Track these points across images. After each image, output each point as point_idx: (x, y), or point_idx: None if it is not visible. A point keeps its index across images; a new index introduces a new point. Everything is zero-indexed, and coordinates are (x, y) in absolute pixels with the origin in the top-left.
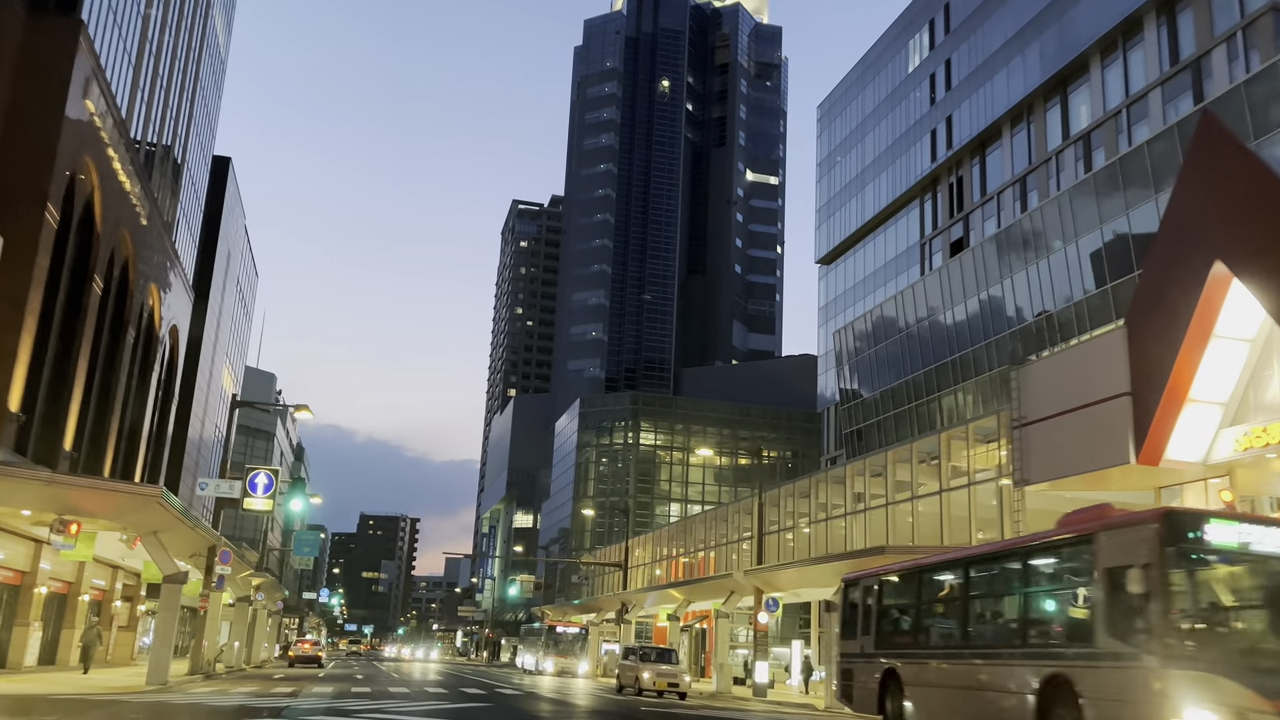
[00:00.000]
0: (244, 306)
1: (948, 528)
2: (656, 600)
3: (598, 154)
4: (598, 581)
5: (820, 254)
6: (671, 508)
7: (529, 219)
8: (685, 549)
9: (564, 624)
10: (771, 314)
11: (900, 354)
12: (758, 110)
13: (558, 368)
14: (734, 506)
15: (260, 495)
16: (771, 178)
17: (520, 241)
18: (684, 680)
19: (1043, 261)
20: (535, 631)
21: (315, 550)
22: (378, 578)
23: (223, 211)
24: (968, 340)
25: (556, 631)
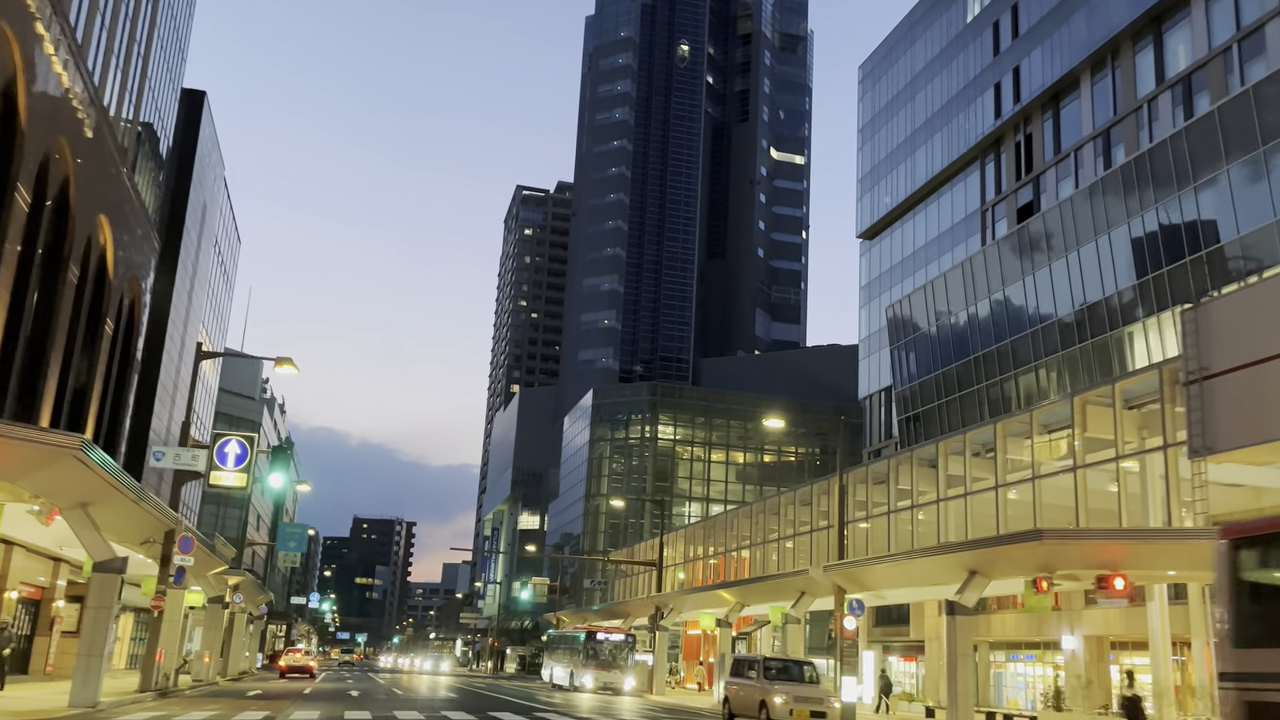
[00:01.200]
0: (225, 275)
1: (1083, 511)
2: (699, 603)
3: (611, 130)
4: (619, 585)
5: (862, 228)
6: (691, 507)
7: (534, 205)
8: (726, 546)
9: (606, 629)
10: (796, 302)
11: (968, 329)
12: (782, 84)
13: (567, 358)
14: (786, 498)
15: (231, 468)
16: (797, 157)
17: (525, 229)
18: (833, 708)
19: (1150, 214)
20: (566, 639)
21: (303, 546)
22: (371, 584)
23: (196, 155)
24: (1053, 310)
25: (597, 639)
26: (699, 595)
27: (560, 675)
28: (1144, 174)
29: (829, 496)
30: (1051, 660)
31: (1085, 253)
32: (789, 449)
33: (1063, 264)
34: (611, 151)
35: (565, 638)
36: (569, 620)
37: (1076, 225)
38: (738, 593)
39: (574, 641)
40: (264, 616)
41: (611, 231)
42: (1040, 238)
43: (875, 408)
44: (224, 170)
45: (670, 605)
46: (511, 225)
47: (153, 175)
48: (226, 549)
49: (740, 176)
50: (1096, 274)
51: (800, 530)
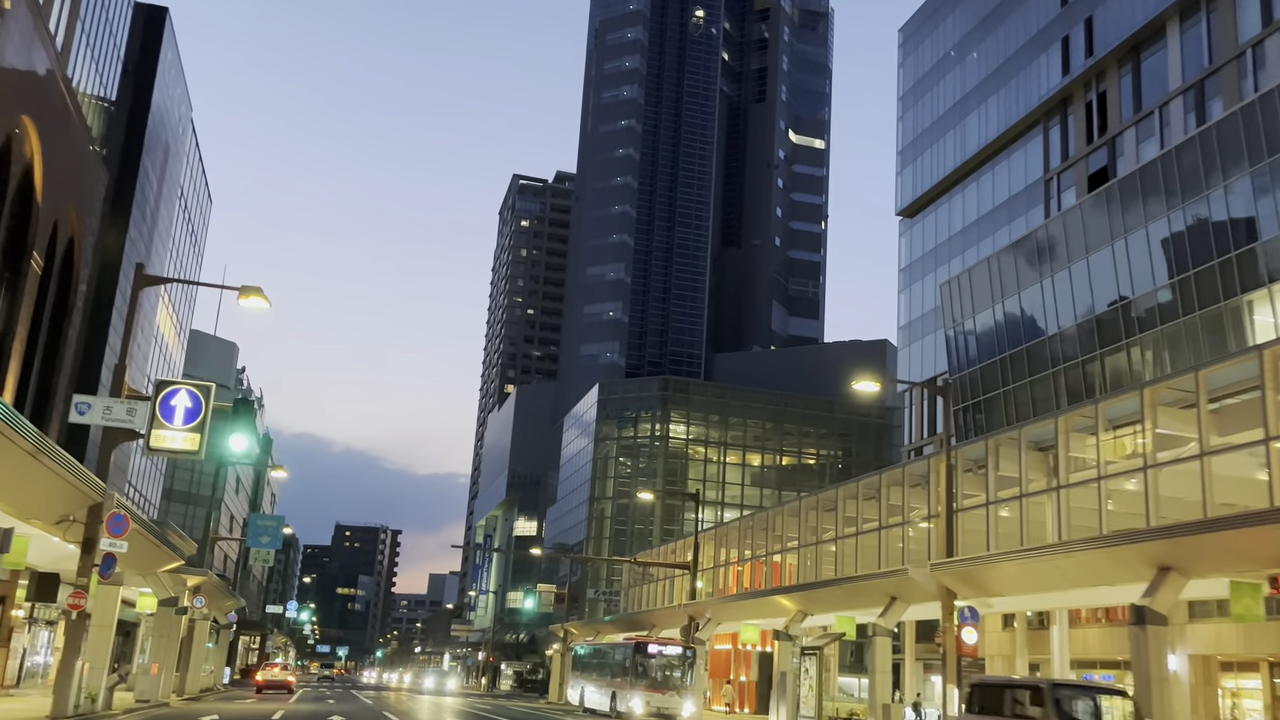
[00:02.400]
0: (192, 236)
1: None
2: (745, 612)
3: (618, 108)
4: (634, 594)
5: (902, 204)
6: (704, 512)
7: (531, 195)
8: (769, 548)
9: (660, 640)
10: (815, 295)
11: (1042, 304)
12: (802, 63)
13: (567, 353)
14: (845, 490)
15: (179, 426)
16: (817, 141)
17: (521, 220)
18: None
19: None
20: (604, 654)
21: (277, 542)
22: (354, 594)
23: (155, 82)
24: (1149, 280)
25: (648, 653)
26: (747, 603)
27: (596, 698)
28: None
29: (901, 489)
30: None
31: (1193, 210)
32: (810, 450)
33: (1163, 224)
34: (618, 132)
35: (603, 652)
36: (579, 632)
37: (1181, 178)
38: (801, 599)
39: (616, 656)
40: (233, 625)
41: (618, 217)
42: (1134, 196)
43: (916, 400)
44: (191, 111)
45: (708, 615)
46: (507, 216)
47: (100, 92)
48: (184, 543)
49: (757, 160)
50: (1207, 235)
51: (865, 528)
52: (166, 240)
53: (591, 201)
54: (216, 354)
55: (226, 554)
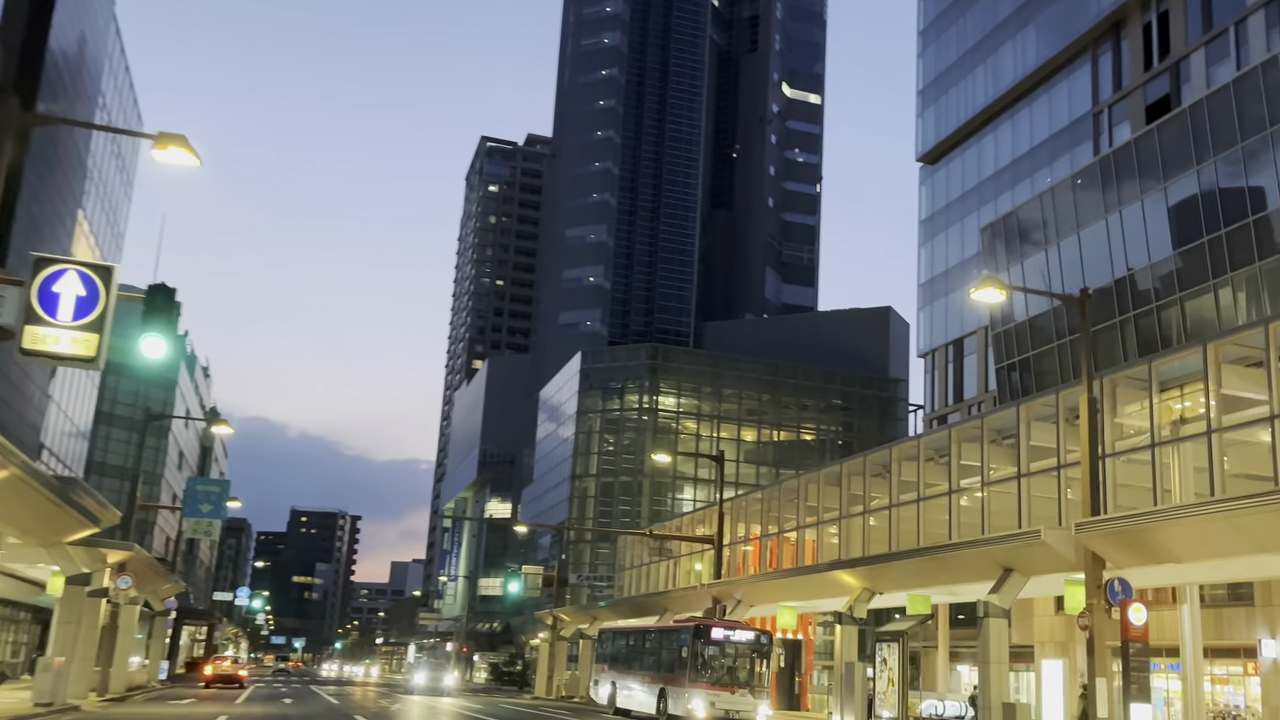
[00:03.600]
0: (121, 168)
1: None
2: (787, 591)
3: (599, 57)
4: (632, 576)
5: (923, 149)
6: (698, 491)
7: (500, 159)
8: (800, 520)
9: (726, 623)
10: (811, 261)
11: (1109, 243)
12: (796, 12)
13: (543, 322)
14: (899, 450)
15: (67, 323)
16: (812, 96)
17: (489, 185)
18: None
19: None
20: (643, 641)
21: (221, 511)
22: (311, 583)
23: None
24: (1243, 209)
25: (713, 638)
26: (792, 582)
27: (636, 696)
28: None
29: (979, 445)
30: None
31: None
32: (809, 424)
33: (1263, 140)
34: (599, 82)
35: (644, 638)
36: (571, 619)
37: None
38: (868, 575)
39: (667, 642)
40: (171, 612)
41: (599, 174)
42: (1228, 112)
43: (940, 365)
44: (114, 4)
45: (738, 596)
46: (474, 182)
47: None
48: (103, 510)
49: (749, 114)
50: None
51: (929, 493)
52: (81, 157)
53: (570, 158)
54: None
55: (169, 536)
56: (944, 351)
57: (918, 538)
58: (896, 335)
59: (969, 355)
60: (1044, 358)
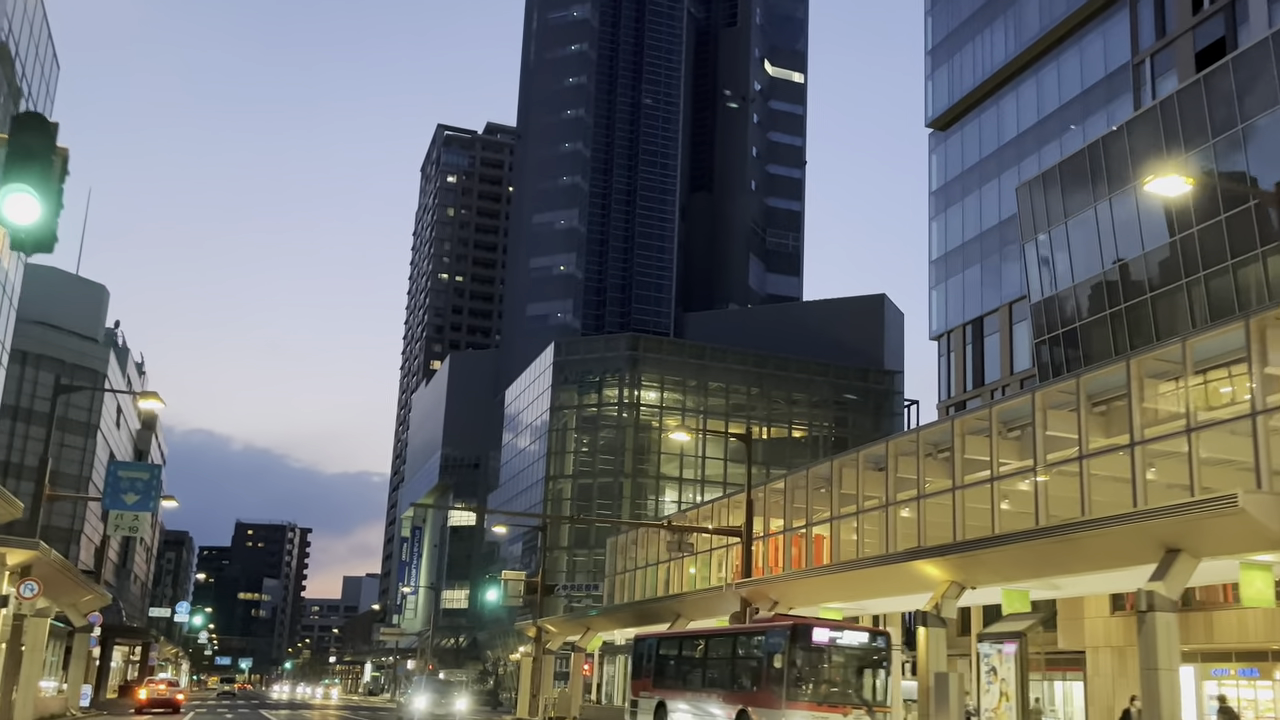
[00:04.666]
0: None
1: None
2: (846, 588)
3: (568, 31)
4: (625, 582)
5: (933, 114)
6: (685, 492)
7: (459, 148)
8: (835, 510)
9: (832, 623)
10: (796, 249)
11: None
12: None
13: (510, 314)
14: (962, 423)
15: None
16: (795, 74)
17: (447, 176)
18: None
19: None
20: (712, 648)
21: (149, 503)
22: (258, 599)
23: None
24: None
25: (815, 642)
26: (850, 577)
27: (714, 715)
28: None
29: (1077, 414)
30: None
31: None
32: (800, 421)
33: None
34: (568, 58)
35: (713, 645)
36: (559, 630)
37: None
38: (957, 566)
39: (750, 649)
40: (95, 628)
41: (569, 156)
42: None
43: (958, 347)
44: None
45: (774, 596)
46: (430, 173)
47: None
48: (3, 504)
49: (729, 93)
50: None
51: (1004, 471)
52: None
53: (537, 139)
54: (79, 297)
55: (89, 536)
56: (961, 333)
57: (993, 523)
58: (891, 325)
59: (990, 335)
60: (1093, 329)
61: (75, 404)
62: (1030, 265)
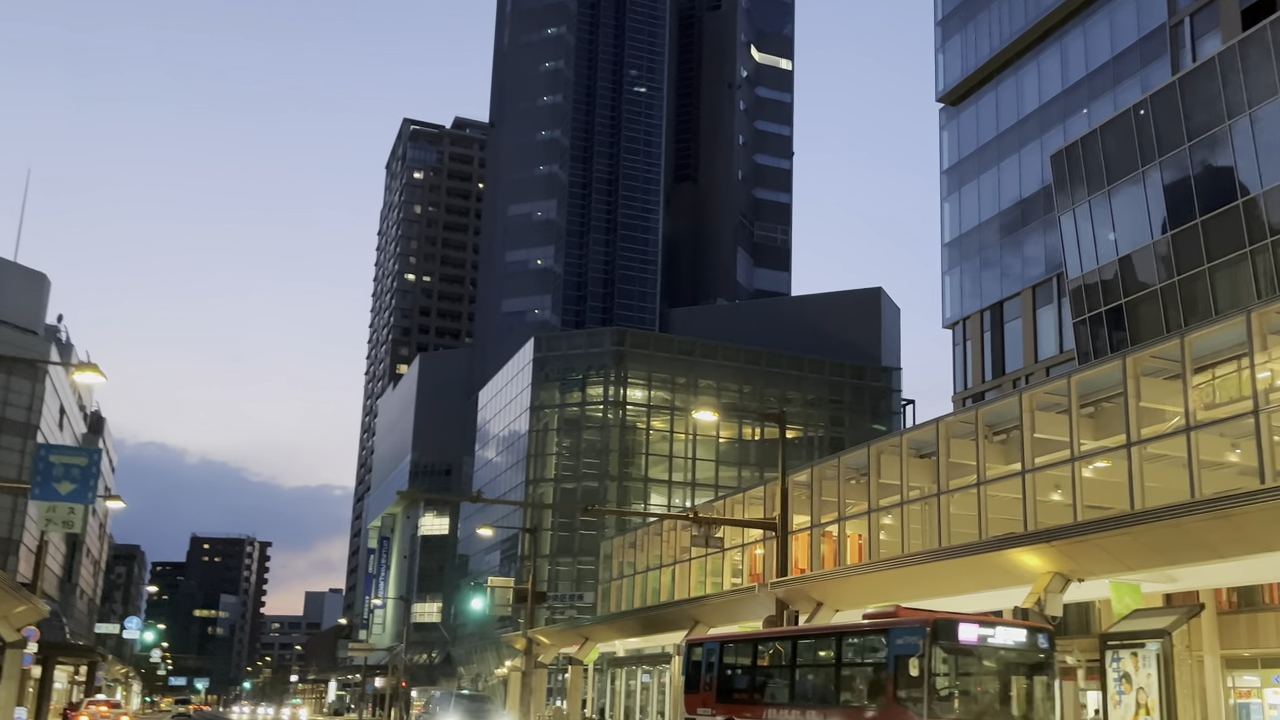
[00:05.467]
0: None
1: None
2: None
3: (544, 14)
4: (621, 589)
5: (945, 87)
6: (674, 495)
7: (426, 143)
8: (867, 502)
9: (980, 618)
10: (786, 243)
11: (1231, 158)
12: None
13: (485, 311)
14: (1030, 398)
15: None
16: (783, 61)
17: (414, 172)
18: None
19: None
20: (814, 652)
21: (86, 494)
22: (215, 616)
23: None
24: None
25: (963, 641)
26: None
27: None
28: None
29: (1129, 394)
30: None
31: None
32: (795, 420)
33: None
34: (545, 41)
35: (815, 647)
36: (552, 641)
37: None
38: (1066, 553)
39: (871, 652)
40: (29, 644)
41: (546, 144)
42: None
43: (975, 334)
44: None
45: (818, 597)
46: (396, 169)
47: None
48: None
49: (714, 79)
50: None
51: (1086, 449)
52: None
53: (512, 127)
54: (14, 286)
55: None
56: (978, 319)
57: (1075, 509)
58: (888, 320)
59: (1011, 321)
60: (1141, 306)
61: (13, 403)
62: (1067, 239)
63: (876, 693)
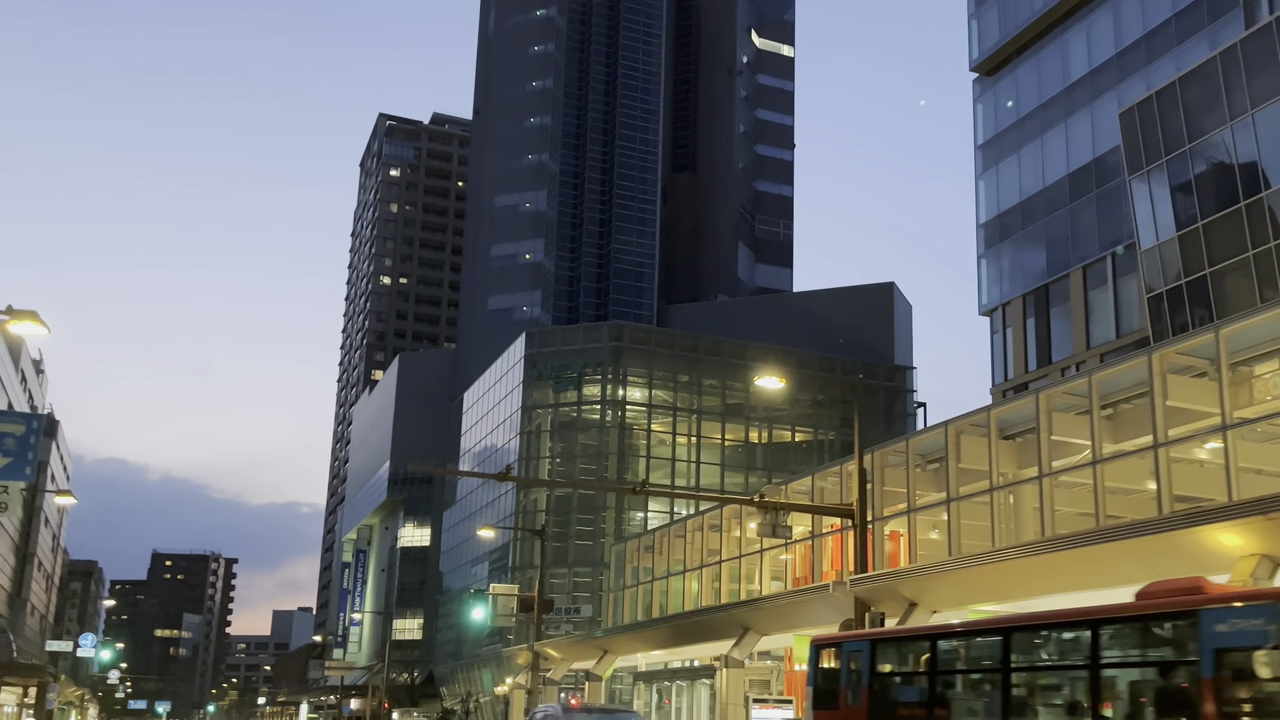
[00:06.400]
0: None
1: None
2: (1040, 577)
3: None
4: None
5: (980, 55)
6: (677, 505)
7: (402, 139)
8: (946, 489)
9: None
10: (788, 238)
11: None
12: None
13: (469, 309)
14: (1163, 357)
15: None
16: (784, 47)
17: (390, 169)
18: None
19: None
20: (1088, 643)
21: (21, 469)
22: (178, 636)
23: None
24: None
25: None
26: (1069, 556)
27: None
28: None
29: (1219, 378)
30: None
31: None
32: (805, 423)
33: None
34: (534, 24)
35: (1093, 638)
36: (563, 655)
37: None
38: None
39: (1155, 647)
40: None
41: (535, 131)
42: None
43: (1016, 320)
44: None
45: (911, 596)
46: (371, 167)
47: None
48: None
49: (714, 64)
50: None
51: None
52: None
53: (498, 113)
54: None
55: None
56: (1020, 304)
57: (1161, 500)
58: (900, 317)
59: (1059, 305)
60: (1227, 277)
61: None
62: (1139, 205)
63: (1172, 705)
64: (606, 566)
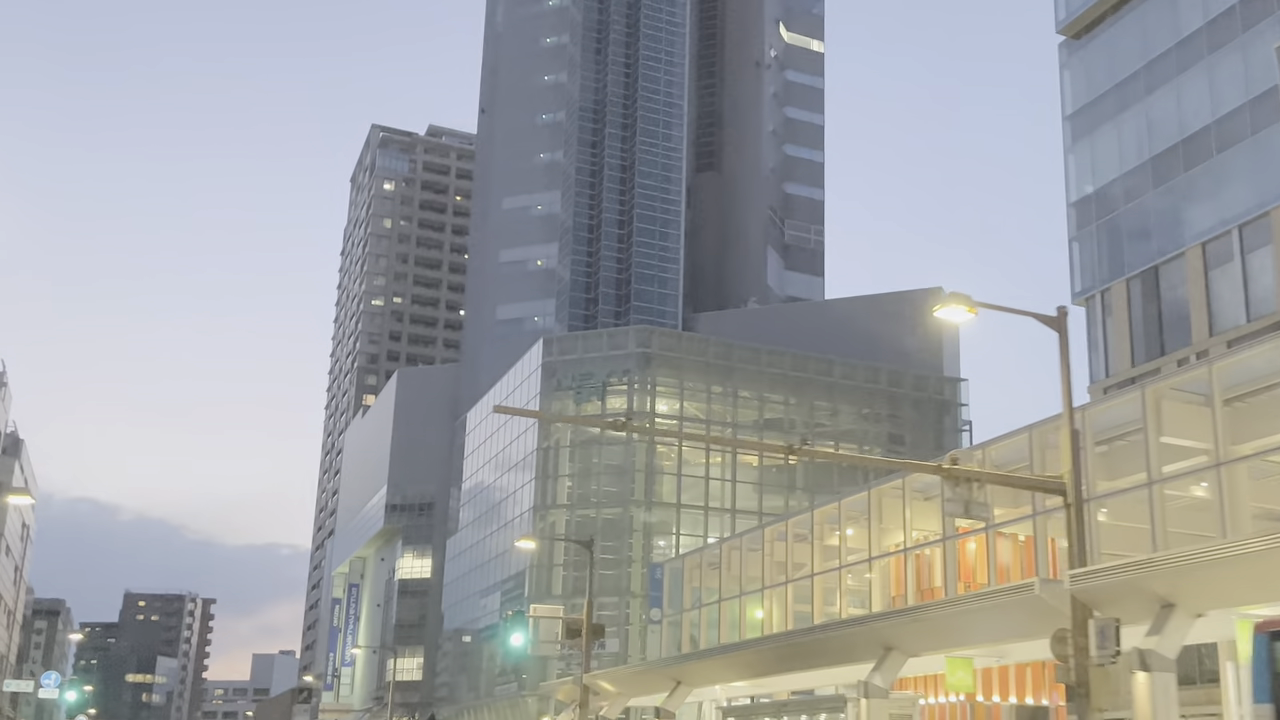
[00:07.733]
0: None
1: None
2: None
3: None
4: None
5: (1068, 15)
6: (711, 526)
7: (397, 150)
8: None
9: None
10: (819, 243)
11: None
12: None
13: (475, 319)
14: None
15: None
16: (814, 42)
17: (384, 183)
18: None
19: None
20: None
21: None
22: (151, 682)
23: None
24: None
25: None
26: None
27: None
28: None
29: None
30: None
31: None
32: (850, 439)
33: None
34: (546, 14)
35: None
36: (618, 686)
37: None
38: None
39: None
40: None
41: (548, 128)
42: None
43: (1117, 309)
44: None
45: (1169, 596)
46: (363, 181)
47: None
48: None
49: (740, 57)
50: None
51: None
52: None
53: (507, 111)
54: None
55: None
56: (1123, 290)
57: None
58: (947, 326)
59: (1171, 290)
60: None
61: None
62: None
63: None
64: (633, 595)
